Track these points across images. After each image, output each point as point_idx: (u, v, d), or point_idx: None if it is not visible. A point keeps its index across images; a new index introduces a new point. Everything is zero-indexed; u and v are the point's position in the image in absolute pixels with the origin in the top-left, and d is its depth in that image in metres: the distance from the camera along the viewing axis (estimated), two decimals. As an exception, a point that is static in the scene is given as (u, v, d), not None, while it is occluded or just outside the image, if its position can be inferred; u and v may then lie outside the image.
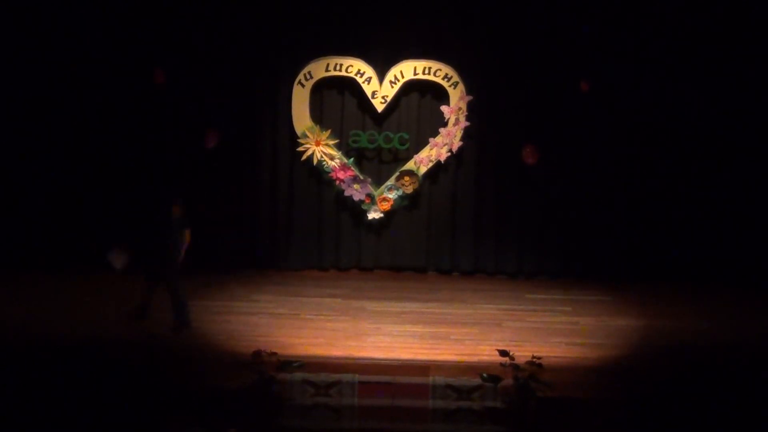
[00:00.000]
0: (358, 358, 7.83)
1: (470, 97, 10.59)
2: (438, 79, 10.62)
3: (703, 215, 10.50)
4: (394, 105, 10.73)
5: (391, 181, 10.74)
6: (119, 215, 10.02)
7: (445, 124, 10.63)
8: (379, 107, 10.65)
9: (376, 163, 10.86)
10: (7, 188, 10.45)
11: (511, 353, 7.03)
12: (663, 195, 10.54)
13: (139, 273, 8.71)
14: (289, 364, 7.14)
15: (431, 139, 10.67)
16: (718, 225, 10.49)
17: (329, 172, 10.65)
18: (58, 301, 9.22)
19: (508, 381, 6.99)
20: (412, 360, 7.82)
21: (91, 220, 10.41)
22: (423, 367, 7.67)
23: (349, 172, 10.64)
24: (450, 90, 10.62)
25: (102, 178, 10.45)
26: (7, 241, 10.33)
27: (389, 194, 10.71)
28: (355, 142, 10.74)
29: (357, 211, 10.79)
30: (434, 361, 7.80)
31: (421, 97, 10.80)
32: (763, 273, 10.21)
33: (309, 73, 10.60)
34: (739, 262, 10.34)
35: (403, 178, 10.69)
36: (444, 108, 10.62)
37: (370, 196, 10.68)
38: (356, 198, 10.68)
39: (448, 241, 10.85)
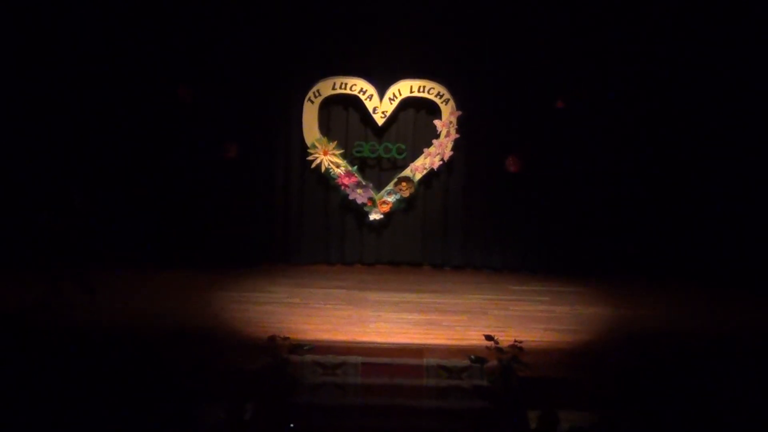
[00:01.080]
0: (361, 342, 7.84)
1: (460, 113, 10.62)
2: (431, 97, 10.64)
3: (670, 216, 10.49)
4: (392, 119, 10.75)
5: (390, 187, 10.76)
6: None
7: (437, 136, 10.66)
8: (380, 121, 10.67)
9: (376, 170, 10.88)
10: (36, 192, 10.38)
11: (495, 338, 7.01)
12: (633, 199, 10.53)
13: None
14: (300, 347, 7.12)
15: (425, 150, 10.69)
16: (685, 225, 10.47)
17: (335, 179, 10.67)
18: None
19: (493, 362, 6.98)
20: (409, 344, 7.83)
21: (116, 221, 10.42)
22: (418, 350, 7.68)
23: (353, 178, 10.66)
24: (442, 106, 10.64)
25: (133, 185, 10.47)
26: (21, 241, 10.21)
27: (388, 198, 10.73)
28: (358, 152, 10.76)
29: (360, 212, 10.81)
30: (428, 344, 7.81)
31: (417, 112, 10.82)
32: (726, 268, 10.17)
33: (318, 91, 10.63)
34: (704, 259, 10.30)
35: (400, 184, 10.71)
36: (437, 122, 10.65)
37: (371, 199, 10.70)
38: (359, 201, 10.70)
39: (440, 239, 10.87)
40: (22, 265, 9.56)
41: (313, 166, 10.67)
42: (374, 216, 10.73)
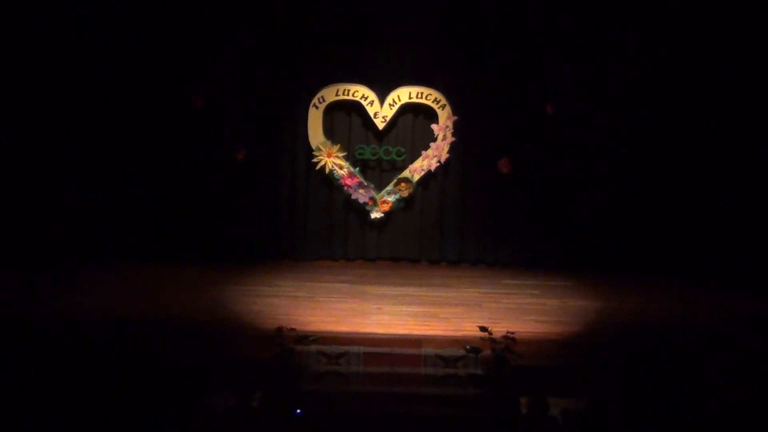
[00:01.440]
0: (363, 333, 7.83)
1: (456, 117, 10.61)
2: (429, 102, 10.63)
3: (659, 213, 10.45)
4: (392, 123, 10.74)
5: (390, 187, 10.74)
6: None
7: (434, 139, 10.64)
8: (380, 125, 10.66)
9: (377, 171, 10.86)
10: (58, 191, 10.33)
11: (489, 329, 7.01)
12: (622, 197, 10.50)
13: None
14: (305, 338, 7.13)
15: (423, 152, 10.68)
16: (673, 222, 10.42)
17: (339, 179, 10.66)
18: (95, 288, 9.14)
19: (487, 352, 6.98)
20: (408, 334, 7.83)
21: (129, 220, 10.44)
22: (416, 341, 7.68)
23: (355, 179, 10.65)
24: (439, 111, 10.63)
25: (145, 186, 10.47)
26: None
27: (389, 198, 10.72)
28: (360, 154, 10.74)
29: (362, 211, 10.79)
30: (426, 335, 7.81)
31: (415, 117, 10.80)
32: (714, 264, 10.11)
33: (322, 97, 10.62)
34: (692, 255, 10.25)
35: (400, 184, 10.70)
36: (434, 126, 10.63)
37: (372, 199, 10.69)
38: (361, 201, 10.69)
39: (437, 236, 10.85)
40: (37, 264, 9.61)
41: (318, 167, 10.66)
42: (375, 215, 10.71)
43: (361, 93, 10.58)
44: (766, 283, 9.55)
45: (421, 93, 10.60)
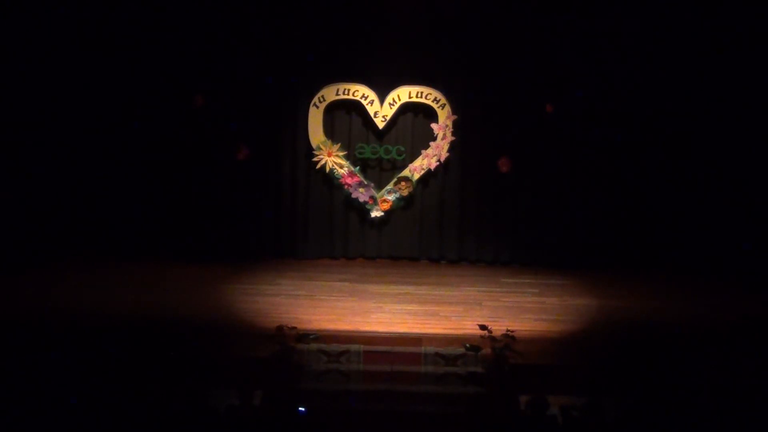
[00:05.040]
0: (363, 332, 7.85)
1: (455, 117, 10.60)
2: (429, 102, 10.63)
3: (654, 211, 10.45)
4: (392, 123, 10.72)
5: (390, 186, 10.73)
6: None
7: (434, 139, 10.63)
8: (380, 125, 10.66)
9: (377, 170, 10.84)
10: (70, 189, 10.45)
11: (489, 327, 7.02)
12: (619, 195, 10.50)
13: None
14: (306, 336, 7.14)
15: (423, 151, 10.68)
16: (669, 220, 10.42)
17: (339, 178, 10.65)
18: (96, 286, 9.18)
19: (486, 350, 7.00)
20: (408, 333, 7.84)
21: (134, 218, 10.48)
22: (416, 339, 7.69)
23: (356, 178, 10.65)
24: (438, 110, 10.63)
25: (150, 185, 10.48)
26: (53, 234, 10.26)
27: (389, 196, 10.71)
28: (360, 153, 10.73)
29: (362, 210, 10.78)
30: (426, 333, 7.82)
31: (415, 116, 10.79)
32: (710, 261, 10.10)
33: (322, 96, 10.62)
34: (688, 252, 10.25)
35: (400, 183, 10.70)
36: (433, 125, 10.63)
37: (372, 197, 10.68)
38: (361, 199, 10.68)
39: (437, 235, 10.83)
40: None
41: (318, 167, 10.65)
42: (375, 213, 10.71)
43: (361, 92, 10.57)
44: (766, 282, 9.54)
45: (421, 92, 10.60)
